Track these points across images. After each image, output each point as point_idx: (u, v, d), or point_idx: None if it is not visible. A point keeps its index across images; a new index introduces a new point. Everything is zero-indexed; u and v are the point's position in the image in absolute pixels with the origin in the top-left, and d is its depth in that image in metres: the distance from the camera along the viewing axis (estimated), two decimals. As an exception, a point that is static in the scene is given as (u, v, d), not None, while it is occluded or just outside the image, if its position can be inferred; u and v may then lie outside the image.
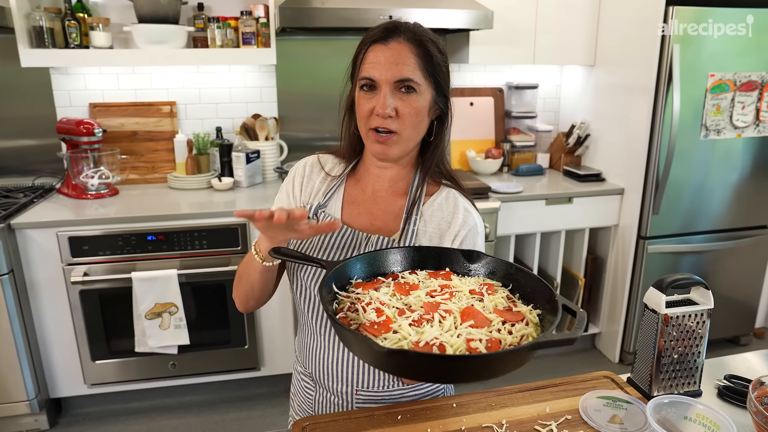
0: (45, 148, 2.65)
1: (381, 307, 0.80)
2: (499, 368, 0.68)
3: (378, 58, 0.95)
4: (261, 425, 2.38)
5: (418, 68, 0.96)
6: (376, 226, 1.06)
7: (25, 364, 2.20)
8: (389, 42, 0.96)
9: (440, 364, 0.67)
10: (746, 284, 2.94)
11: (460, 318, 0.78)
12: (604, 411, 0.97)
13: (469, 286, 0.88)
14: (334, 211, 1.08)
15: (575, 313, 0.76)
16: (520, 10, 2.67)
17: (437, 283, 0.88)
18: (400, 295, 0.84)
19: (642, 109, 2.56)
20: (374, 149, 1.00)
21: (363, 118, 0.99)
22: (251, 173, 2.64)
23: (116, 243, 2.21)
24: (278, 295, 2.42)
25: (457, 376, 0.71)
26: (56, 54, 2.32)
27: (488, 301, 0.84)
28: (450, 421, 0.93)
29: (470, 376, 0.69)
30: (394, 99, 0.95)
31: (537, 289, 0.85)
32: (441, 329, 0.75)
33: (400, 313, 0.79)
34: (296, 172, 1.14)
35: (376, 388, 1.07)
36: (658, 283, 1.04)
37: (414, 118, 0.97)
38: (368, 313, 0.78)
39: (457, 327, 0.76)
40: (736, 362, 1.19)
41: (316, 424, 0.93)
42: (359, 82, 0.98)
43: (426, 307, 0.80)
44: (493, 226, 2.50)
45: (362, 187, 1.10)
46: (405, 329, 0.75)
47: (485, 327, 0.76)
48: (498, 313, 0.80)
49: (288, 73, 2.80)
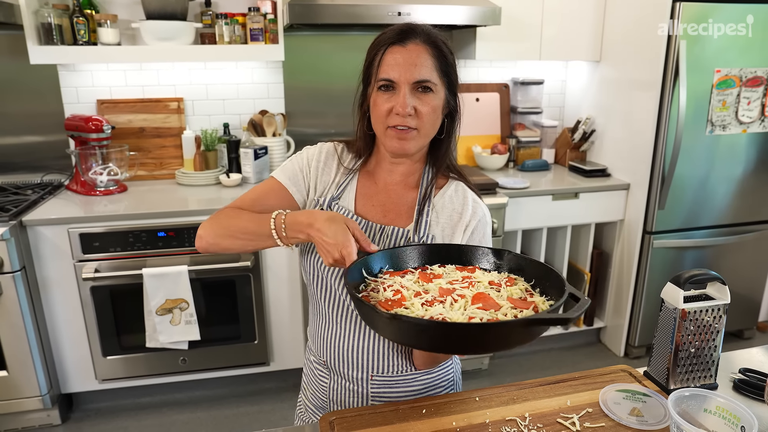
0: (53, 144, 2.65)
1: (400, 288, 0.86)
2: (491, 340, 0.75)
3: (397, 60, 0.99)
4: (271, 419, 2.41)
5: (435, 69, 1.01)
6: (389, 218, 1.10)
7: (38, 360, 2.22)
8: (407, 44, 1.00)
9: (432, 330, 0.74)
10: (750, 278, 2.96)
11: (471, 302, 0.83)
12: (623, 404, 0.99)
13: (490, 278, 0.92)
14: (347, 203, 1.11)
15: (578, 299, 0.82)
16: (526, 6, 2.68)
17: (460, 274, 0.93)
18: (423, 282, 0.89)
19: (648, 105, 2.58)
20: (393, 145, 1.03)
21: (381, 117, 1.02)
22: (259, 169, 2.65)
23: (127, 239, 2.22)
24: (287, 291, 2.44)
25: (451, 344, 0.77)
26: (65, 51, 2.32)
27: (504, 292, 0.88)
28: (474, 415, 0.95)
29: (464, 345, 0.76)
30: (412, 98, 0.99)
31: (553, 283, 0.89)
32: (452, 309, 0.81)
33: (416, 294, 0.85)
34: (313, 155, 1.15)
35: (391, 372, 1.10)
36: (675, 279, 1.05)
37: (431, 116, 1.02)
38: (386, 293, 0.85)
39: (466, 309, 0.81)
40: (743, 357, 1.21)
41: (342, 419, 0.94)
42: (378, 83, 1.01)
43: (441, 292, 0.86)
44: (500, 222, 2.52)
45: (375, 180, 1.13)
46: (416, 307, 0.81)
47: (492, 310, 0.81)
48: (510, 301, 0.85)
49: (295, 69, 2.81)
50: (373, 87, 1.03)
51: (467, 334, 0.73)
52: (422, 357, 1.08)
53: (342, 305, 1.09)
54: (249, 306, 2.41)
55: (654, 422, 0.94)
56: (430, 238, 1.06)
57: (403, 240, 1.06)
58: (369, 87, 1.05)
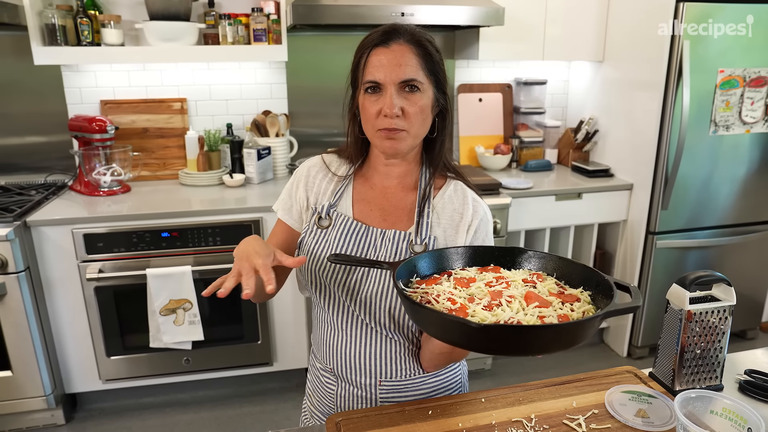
0: (56, 145, 2.66)
1: (452, 297, 0.86)
2: (578, 336, 0.76)
3: (381, 61, 0.99)
4: (274, 419, 2.41)
5: (420, 68, 1.00)
6: (389, 221, 1.09)
7: (42, 360, 2.22)
8: (390, 45, 1.00)
9: (532, 334, 0.74)
10: (754, 279, 2.96)
11: (525, 302, 0.84)
12: (629, 405, 0.99)
13: (520, 276, 0.94)
14: (345, 209, 1.11)
15: (628, 288, 0.85)
16: (529, 7, 2.68)
17: (491, 275, 0.94)
18: (461, 288, 0.90)
19: (651, 105, 2.57)
20: (384, 146, 1.03)
21: (370, 120, 1.01)
22: (262, 169, 2.66)
23: (130, 240, 2.22)
24: (290, 292, 2.44)
25: (543, 346, 0.77)
26: (68, 51, 2.33)
27: (541, 287, 0.90)
28: (480, 416, 0.95)
29: (554, 345, 0.76)
30: (399, 99, 0.99)
31: (584, 275, 0.92)
32: (512, 311, 0.81)
33: (470, 300, 0.85)
34: (300, 174, 1.17)
35: (399, 377, 1.09)
36: (681, 280, 1.05)
37: (420, 116, 1.01)
38: (443, 303, 0.84)
39: (524, 309, 0.82)
40: (748, 358, 1.21)
41: (349, 420, 0.94)
42: (364, 86, 1.01)
43: (491, 295, 0.86)
44: (504, 222, 2.52)
45: (371, 184, 1.13)
46: (480, 313, 0.81)
47: (549, 307, 0.83)
48: (554, 295, 0.87)
49: (297, 70, 2.81)
50: (361, 90, 1.03)
51: (559, 333, 0.75)
52: (433, 359, 1.07)
53: (348, 313, 1.08)
54: (252, 306, 2.41)
55: (660, 424, 0.94)
56: (432, 239, 1.06)
57: (405, 243, 1.05)
58: (357, 90, 1.05)
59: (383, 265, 0.95)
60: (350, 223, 1.09)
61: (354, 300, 1.06)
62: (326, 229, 1.09)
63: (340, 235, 1.08)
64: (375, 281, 1.04)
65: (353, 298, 1.06)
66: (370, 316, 1.06)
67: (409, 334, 1.08)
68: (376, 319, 1.06)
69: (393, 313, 1.04)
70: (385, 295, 1.03)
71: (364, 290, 1.04)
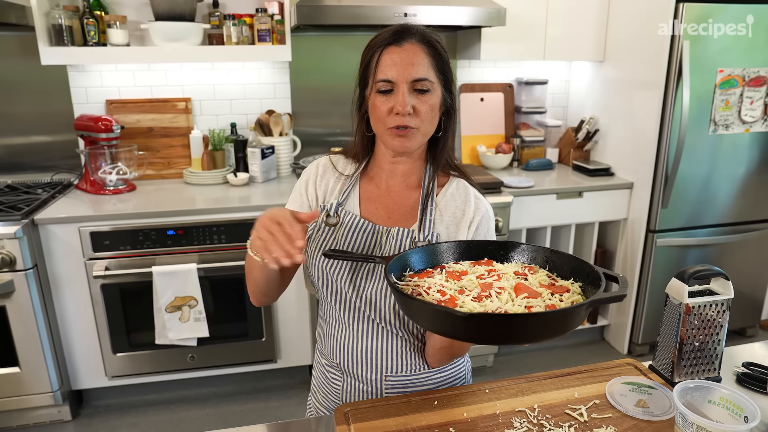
0: (62, 144, 2.69)
1: (442, 288, 0.88)
2: (564, 324, 0.78)
3: (394, 60, 1.01)
4: (278, 416, 2.44)
5: (431, 67, 1.03)
6: (393, 219, 1.12)
7: (49, 357, 2.25)
8: (403, 44, 1.02)
9: (517, 322, 0.76)
10: (753, 277, 2.99)
11: (514, 293, 0.86)
12: (630, 396, 1.02)
13: (512, 269, 0.96)
14: (352, 207, 1.13)
15: (616, 278, 0.89)
16: (530, 7, 2.70)
17: (483, 268, 0.96)
18: (453, 281, 0.92)
19: (651, 105, 2.60)
20: (394, 144, 1.05)
21: (381, 118, 1.03)
22: (266, 169, 2.68)
23: (137, 238, 2.25)
24: (294, 289, 2.47)
25: (529, 334, 0.79)
26: (75, 51, 2.36)
27: (532, 279, 0.92)
28: (484, 406, 0.98)
29: (541, 333, 0.78)
30: (411, 98, 1.01)
31: (574, 266, 0.95)
32: (500, 302, 0.83)
33: (460, 292, 0.87)
34: (309, 173, 1.19)
35: (405, 372, 1.11)
36: (680, 274, 1.08)
37: (430, 115, 1.04)
38: (433, 295, 0.86)
39: (514, 300, 0.84)
40: (745, 351, 1.23)
41: (357, 410, 0.97)
42: (376, 85, 1.03)
43: (482, 287, 0.88)
44: (505, 220, 2.54)
45: (376, 183, 1.15)
46: (469, 304, 0.83)
47: (538, 298, 0.85)
48: (544, 287, 0.89)
49: (301, 70, 2.84)
50: (372, 89, 1.04)
51: (545, 321, 0.77)
52: (436, 354, 1.09)
53: (354, 309, 1.10)
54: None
55: (659, 413, 0.97)
56: (435, 236, 1.08)
57: (408, 240, 1.08)
58: (367, 89, 1.06)
59: (376, 259, 0.97)
60: (357, 220, 1.11)
61: (360, 296, 1.08)
62: (334, 226, 1.12)
63: (347, 233, 1.10)
64: (381, 278, 1.06)
65: (360, 294, 1.08)
66: (376, 312, 1.08)
67: (414, 330, 1.10)
68: (382, 315, 1.08)
69: (398, 310, 1.06)
70: (389, 292, 1.06)
71: (371, 287, 1.07)
